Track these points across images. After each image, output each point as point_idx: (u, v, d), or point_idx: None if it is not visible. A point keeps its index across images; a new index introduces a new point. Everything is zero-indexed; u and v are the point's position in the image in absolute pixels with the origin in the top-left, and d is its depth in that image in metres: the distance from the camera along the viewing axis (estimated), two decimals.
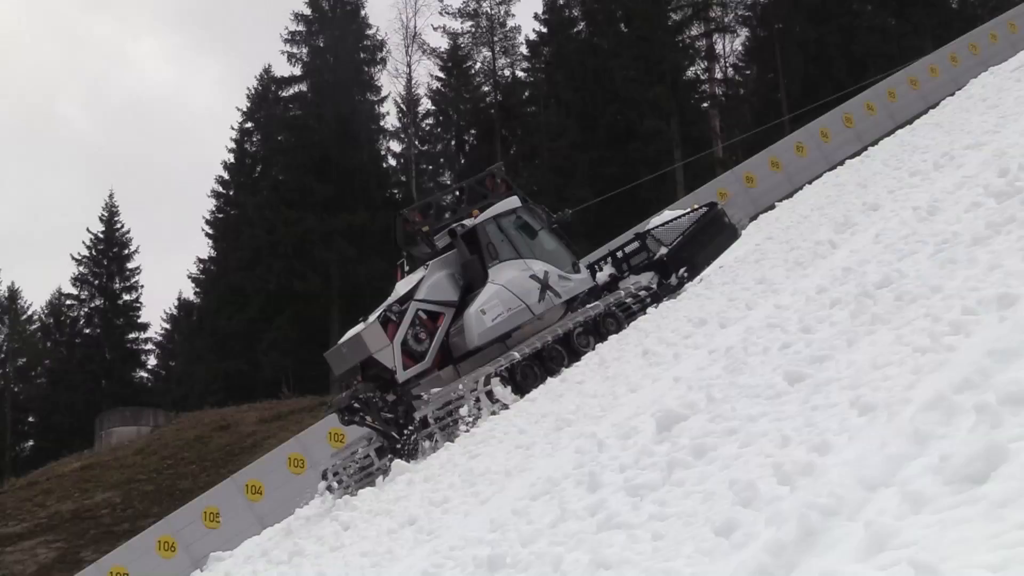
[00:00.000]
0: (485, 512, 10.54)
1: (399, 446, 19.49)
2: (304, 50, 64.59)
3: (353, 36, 64.75)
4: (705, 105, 65.60)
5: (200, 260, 66.78)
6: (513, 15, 69.17)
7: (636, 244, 25.34)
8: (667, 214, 26.67)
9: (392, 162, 67.54)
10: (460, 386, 19.80)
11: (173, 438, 45.21)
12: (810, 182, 34.69)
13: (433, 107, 68.84)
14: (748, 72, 69.53)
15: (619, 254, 25.40)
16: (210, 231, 65.64)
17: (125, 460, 43.55)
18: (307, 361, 57.29)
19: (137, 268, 69.96)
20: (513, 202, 23.18)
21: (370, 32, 65.93)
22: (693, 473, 7.35)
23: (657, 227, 25.36)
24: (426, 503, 12.77)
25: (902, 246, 11.50)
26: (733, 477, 6.63)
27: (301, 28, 64.64)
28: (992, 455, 4.54)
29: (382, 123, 66.72)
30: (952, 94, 34.71)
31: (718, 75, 67.69)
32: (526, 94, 68.52)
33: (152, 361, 72.38)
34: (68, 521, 39.32)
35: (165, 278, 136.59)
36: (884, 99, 42.35)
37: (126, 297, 69.70)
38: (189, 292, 69.99)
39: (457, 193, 24.76)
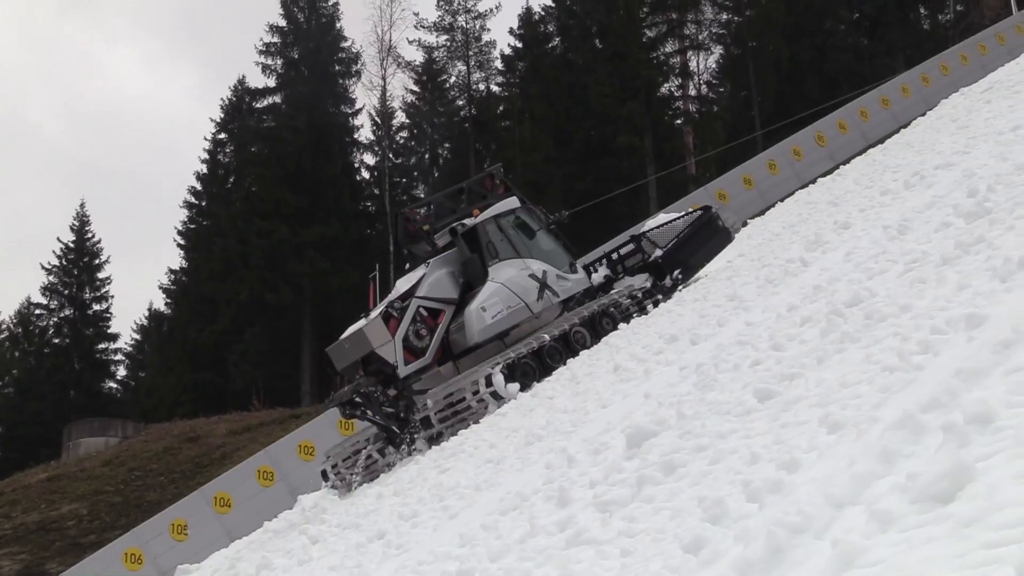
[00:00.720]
0: (454, 527, 10.52)
1: (398, 440, 20.05)
2: (279, 61, 64.57)
3: (328, 48, 64.76)
4: (679, 122, 65.75)
5: (171, 270, 66.52)
6: (488, 30, 69.27)
7: (631, 246, 25.80)
8: (662, 217, 27.21)
9: (365, 175, 67.52)
10: (462, 381, 20.24)
11: (141, 449, 44.93)
12: (782, 199, 34.83)
13: (407, 120, 68.86)
14: (722, 89, 69.79)
15: (614, 256, 25.85)
16: (182, 241, 65.37)
17: (93, 471, 43.24)
18: (278, 373, 57.28)
19: (107, 278, 69.72)
20: (512, 203, 23.75)
21: (345, 44, 66.01)
22: (662, 489, 7.37)
23: (652, 229, 25.84)
24: (395, 517, 12.74)
25: (872, 265, 11.57)
26: (702, 494, 6.64)
27: (276, 40, 64.62)
28: (959, 474, 4.57)
29: (356, 136, 66.82)
30: (923, 114, 34.94)
31: (692, 92, 67.87)
32: (500, 108, 68.56)
33: (121, 372, 71.94)
34: (33, 533, 38.99)
35: (136, 288, 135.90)
36: (856, 118, 42.59)
37: (96, 307, 69.36)
38: (160, 302, 69.67)
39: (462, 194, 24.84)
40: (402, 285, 22.40)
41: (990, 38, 45.71)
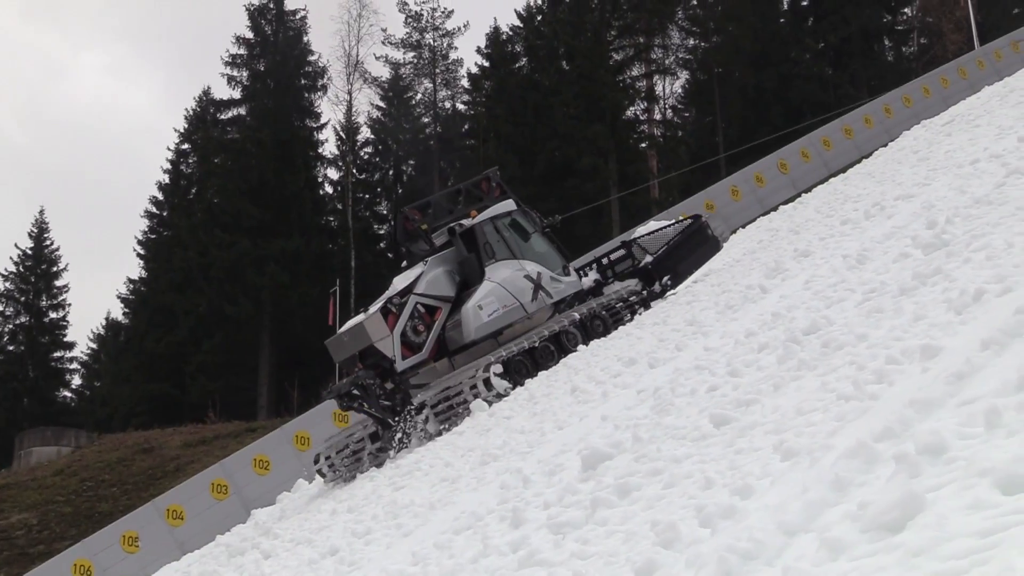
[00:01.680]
0: (407, 545, 10.50)
1: (393, 433, 20.46)
2: (245, 73, 64.34)
3: (294, 62, 64.59)
4: (643, 145, 65.94)
5: (130, 280, 65.99)
6: (456, 48, 69.38)
7: (622, 252, 26.30)
8: (652, 224, 27.74)
9: (329, 189, 67.28)
10: (459, 376, 20.65)
11: (94, 459, 44.53)
12: (744, 226, 35.00)
13: (372, 136, 68.77)
14: (687, 114, 70.19)
15: (604, 261, 26.29)
16: (142, 251, 64.92)
17: (44, 481, 42.82)
18: (235, 386, 56.91)
19: (65, 286, 69.21)
20: (509, 205, 24.23)
21: (312, 59, 65.82)
22: (616, 512, 7.37)
23: (643, 236, 26.26)
24: (348, 534, 12.70)
25: (831, 293, 11.65)
26: (656, 518, 6.66)
27: (242, 52, 64.40)
28: (909, 504, 4.59)
29: (320, 150, 66.56)
30: (885, 145, 35.25)
31: (657, 116, 68.24)
32: (466, 127, 68.61)
33: (77, 381, 71.38)
34: None
35: (94, 297, 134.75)
36: (819, 147, 42.84)
37: (52, 315, 68.76)
38: (118, 312, 69.19)
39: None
40: (399, 282, 22.69)
41: (952, 72, 46.16)
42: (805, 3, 68.39)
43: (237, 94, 64.41)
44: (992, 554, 3.92)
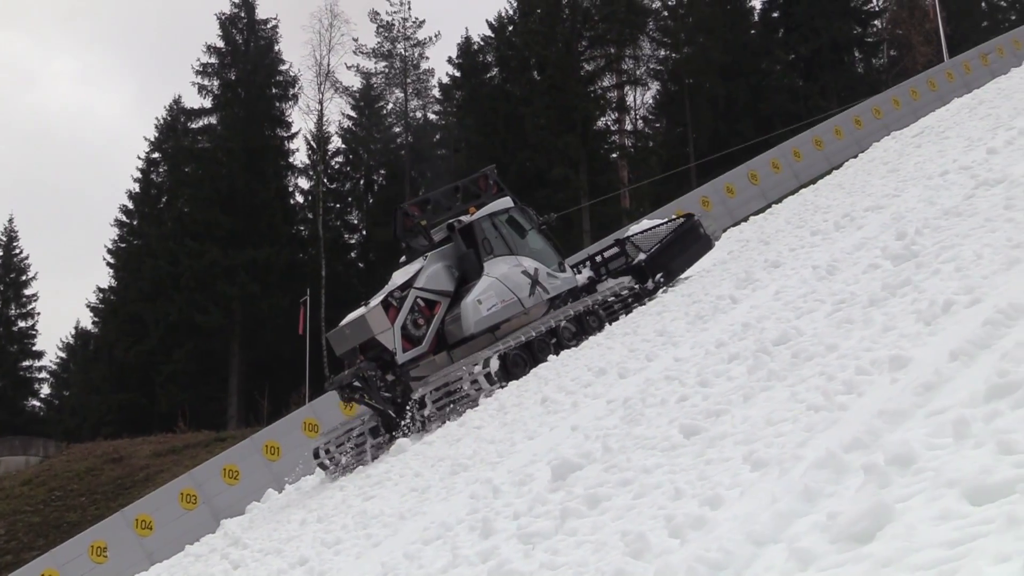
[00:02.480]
0: (377, 555, 10.47)
1: (394, 424, 20.90)
2: (215, 83, 64.08)
3: (265, 71, 64.40)
4: (614, 156, 66.05)
5: (100, 289, 65.68)
6: (427, 58, 69.37)
7: (615, 249, 26.80)
8: (646, 223, 28.30)
9: (299, 199, 67.04)
10: (459, 369, 21.11)
11: (63, 469, 44.23)
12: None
13: (343, 145, 68.60)
14: (658, 125, 70.28)
15: (598, 258, 26.88)
16: (112, 260, 64.63)
17: (11, 490, 42.53)
18: (205, 395, 56.64)
19: (34, 295, 68.78)
20: (506, 202, 24.82)
21: (283, 68, 65.57)
22: (586, 523, 7.36)
23: (636, 234, 26.84)
24: (318, 544, 12.66)
25: (801, 304, 11.68)
26: (625, 528, 6.65)
27: (213, 60, 64.14)
28: (878, 515, 4.60)
29: (291, 159, 66.32)
30: (855, 156, 35.41)
31: (628, 127, 68.32)
32: (437, 136, 68.60)
33: (45, 390, 70.88)
34: None
35: (63, 306, 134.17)
36: (789, 158, 42.99)
37: (21, 324, 68.32)
38: (87, 321, 68.80)
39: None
40: (398, 277, 23.20)
41: (922, 83, 46.44)
42: (776, 15, 68.79)
43: (208, 103, 64.14)
44: (960, 564, 3.93)
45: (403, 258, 24.61)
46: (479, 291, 22.85)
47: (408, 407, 20.75)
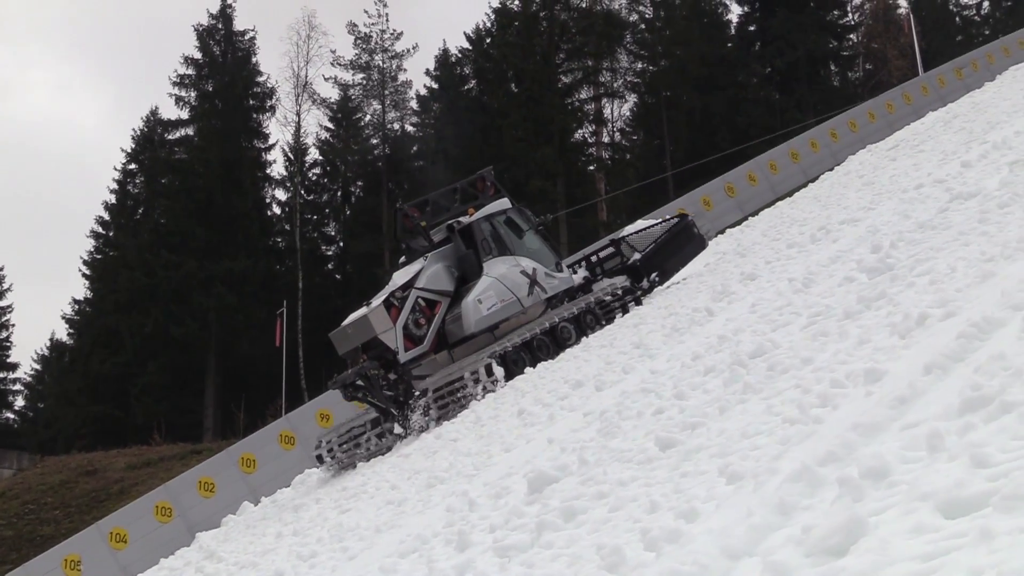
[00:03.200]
0: (352, 568, 10.44)
1: (397, 422, 21.31)
2: (193, 94, 63.90)
3: (243, 82, 64.25)
4: (591, 168, 66.14)
5: (75, 301, 65.37)
6: (405, 70, 69.34)
7: (611, 249, 27.26)
8: (640, 223, 28.72)
9: (277, 210, 66.86)
10: (462, 368, 21.48)
11: (36, 482, 43.93)
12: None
13: (321, 157, 68.45)
14: (635, 137, 70.46)
15: (594, 258, 27.33)
16: (87, 272, 64.32)
17: None
18: (181, 407, 56.39)
19: (9, 306, 68.30)
20: (504, 203, 25.35)
21: (260, 79, 65.39)
22: (562, 536, 7.36)
23: (631, 234, 27.27)
24: (294, 557, 12.61)
25: (777, 317, 11.72)
26: (601, 541, 6.64)
27: (191, 72, 63.97)
28: (852, 528, 4.61)
29: (268, 171, 66.07)
30: (831, 169, 35.57)
31: (605, 139, 68.47)
32: (414, 148, 68.55)
33: (20, 402, 70.48)
34: None
35: (38, 318, 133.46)
36: (766, 170, 43.10)
37: None
38: (63, 333, 68.41)
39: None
40: (399, 278, 23.52)
41: (897, 97, 46.69)
42: (752, 28, 69.06)
43: (185, 114, 63.95)
44: None
45: (403, 258, 25.07)
46: (479, 291, 23.28)
47: (411, 405, 21.18)
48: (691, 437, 8.25)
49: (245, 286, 57.86)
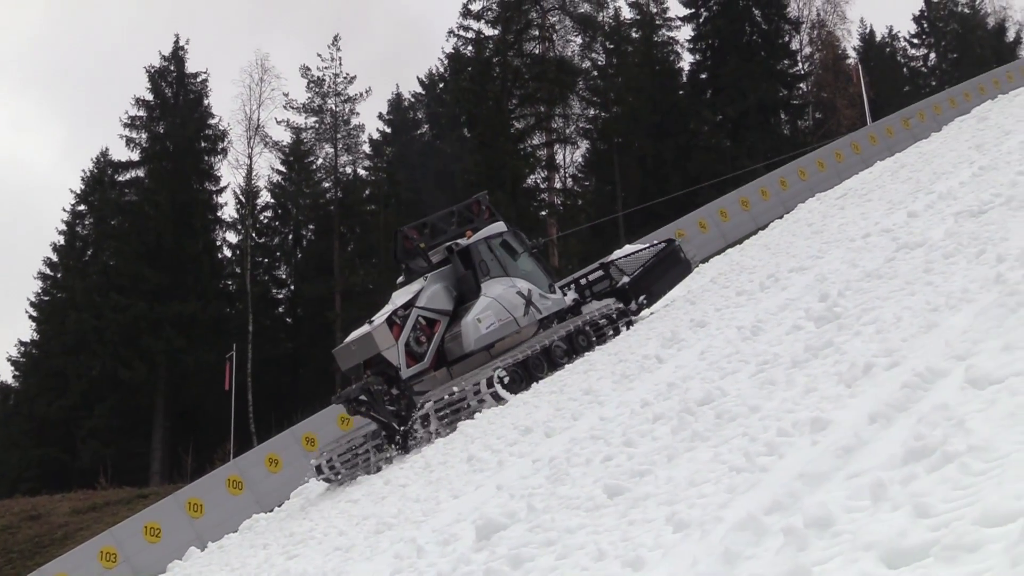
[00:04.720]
0: None
1: (398, 437, 21.97)
2: (144, 135, 63.60)
3: (195, 125, 64.06)
4: (544, 213, 66.35)
5: (21, 342, 64.68)
6: (357, 113, 69.38)
7: (600, 272, 27.95)
8: (628, 248, 29.46)
9: (228, 253, 66.55)
10: (462, 384, 22.05)
11: None
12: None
13: (272, 200, 68.27)
14: (587, 183, 70.75)
15: (583, 281, 27.89)
16: (34, 313, 63.73)
17: None
18: (127, 451, 55.80)
19: None
20: (500, 226, 26.14)
21: (212, 121, 65.23)
22: None
23: (620, 258, 27.99)
24: None
25: (725, 364, 11.77)
26: None
27: (142, 113, 63.71)
28: None
29: (219, 213, 65.79)
30: (781, 217, 35.86)
31: (558, 184, 68.70)
32: (367, 192, 68.54)
33: None
34: None
35: None
36: (716, 217, 43.40)
37: None
38: (7, 375, 67.66)
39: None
40: (399, 298, 24.35)
41: (846, 146, 47.20)
42: (704, 76, 69.63)
43: (136, 156, 63.57)
44: None
45: (400, 278, 25.73)
46: (478, 310, 24.04)
47: (413, 420, 21.78)
48: (639, 485, 8.27)
49: (195, 329, 57.49)
